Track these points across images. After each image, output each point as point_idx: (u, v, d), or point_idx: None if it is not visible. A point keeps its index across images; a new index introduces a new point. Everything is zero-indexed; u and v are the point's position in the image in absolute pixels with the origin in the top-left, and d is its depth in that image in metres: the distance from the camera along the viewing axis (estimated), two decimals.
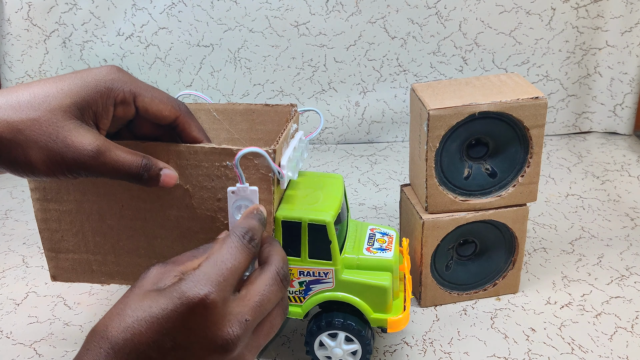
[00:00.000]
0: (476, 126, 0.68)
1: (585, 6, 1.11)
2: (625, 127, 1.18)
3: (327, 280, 0.62)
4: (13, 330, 0.74)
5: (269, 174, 0.56)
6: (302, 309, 0.64)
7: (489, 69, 1.15)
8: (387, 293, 0.62)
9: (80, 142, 0.48)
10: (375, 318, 0.63)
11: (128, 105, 0.53)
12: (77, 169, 0.49)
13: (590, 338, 0.70)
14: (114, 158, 0.50)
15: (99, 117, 0.51)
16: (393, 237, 0.67)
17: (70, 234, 0.62)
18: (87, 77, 0.51)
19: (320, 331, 0.64)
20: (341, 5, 1.11)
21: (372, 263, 0.63)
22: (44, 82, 0.50)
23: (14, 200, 1.04)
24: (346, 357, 0.65)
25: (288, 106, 0.66)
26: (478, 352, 0.69)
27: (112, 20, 1.13)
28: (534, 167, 0.71)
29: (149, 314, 0.42)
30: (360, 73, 1.16)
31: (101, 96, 0.50)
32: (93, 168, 0.49)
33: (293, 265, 0.62)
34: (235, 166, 0.54)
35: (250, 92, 1.17)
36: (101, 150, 0.49)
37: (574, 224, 0.92)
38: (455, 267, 0.76)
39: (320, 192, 0.64)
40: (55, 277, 0.65)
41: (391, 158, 1.14)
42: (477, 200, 0.72)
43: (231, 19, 1.12)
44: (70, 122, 0.48)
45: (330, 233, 0.60)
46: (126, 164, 0.51)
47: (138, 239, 0.61)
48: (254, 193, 0.56)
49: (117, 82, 0.51)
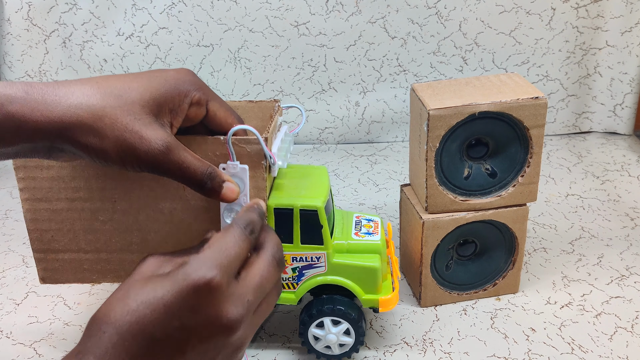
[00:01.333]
0: (476, 126, 0.68)
1: (585, 6, 1.11)
2: (625, 127, 1.18)
3: (320, 264, 0.64)
4: (13, 330, 0.74)
5: (262, 161, 0.57)
6: (295, 295, 0.65)
7: (489, 69, 1.15)
8: (377, 274, 0.64)
9: (153, 136, 0.49)
10: (366, 299, 0.65)
11: (201, 107, 0.54)
12: (146, 162, 0.49)
13: (590, 338, 0.70)
14: (181, 158, 0.50)
15: (174, 115, 0.52)
16: (378, 222, 0.69)
17: (60, 234, 0.62)
18: (166, 76, 0.52)
19: (312, 319, 0.65)
20: (341, 5, 1.11)
21: (361, 247, 0.65)
22: (125, 76, 0.51)
23: (14, 201, 1.04)
24: (342, 338, 0.66)
25: (271, 102, 0.66)
26: (478, 352, 0.69)
27: (112, 20, 1.13)
28: (534, 167, 0.71)
29: (153, 297, 0.42)
30: (360, 73, 1.16)
31: (179, 95, 0.52)
32: (160, 164, 0.50)
33: (286, 251, 0.63)
34: (226, 142, 0.55)
35: (250, 92, 1.17)
36: (171, 148, 0.50)
37: (574, 224, 0.92)
38: (455, 267, 0.76)
39: (307, 181, 0.65)
40: (44, 279, 0.64)
41: (391, 158, 1.14)
42: (477, 200, 0.72)
43: (231, 19, 1.12)
44: (146, 116, 0.49)
45: (322, 218, 0.62)
46: (192, 167, 0.51)
47: (131, 235, 0.61)
48: (244, 171, 0.56)
49: (195, 84, 0.53)
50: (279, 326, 0.73)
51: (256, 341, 0.71)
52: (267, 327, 0.73)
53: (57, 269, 0.64)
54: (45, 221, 0.61)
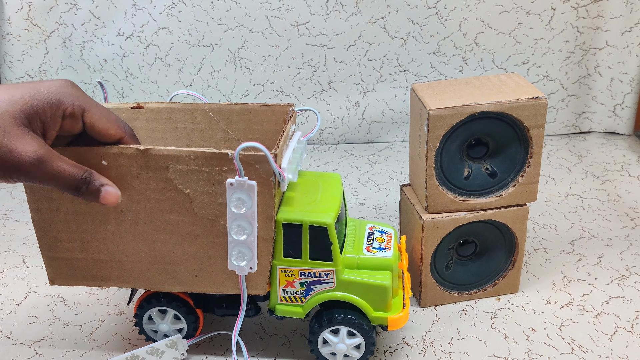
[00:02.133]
0: (476, 126, 0.68)
1: (585, 6, 1.11)
2: (625, 127, 1.18)
3: (328, 280, 0.63)
4: (13, 330, 0.74)
5: (270, 178, 0.56)
6: (303, 309, 0.64)
7: (489, 69, 1.15)
8: (388, 292, 0.63)
9: (24, 149, 0.50)
10: (375, 317, 0.63)
11: (76, 119, 0.54)
12: (17, 174, 0.51)
13: (590, 338, 0.70)
14: (55, 168, 0.52)
15: (46, 127, 0.53)
16: (392, 235, 0.68)
17: (69, 239, 0.62)
18: (40, 88, 0.52)
19: (322, 328, 0.64)
20: (341, 5, 1.11)
21: (372, 262, 0.64)
22: (0, 87, 0.52)
23: (14, 201, 1.04)
24: (350, 352, 0.65)
25: (285, 106, 0.66)
26: (478, 352, 0.69)
27: (112, 20, 1.13)
28: (534, 167, 0.70)
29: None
30: (360, 73, 1.16)
31: (50, 107, 0.52)
32: (32, 175, 0.51)
33: (294, 266, 0.62)
34: (234, 158, 0.54)
35: (250, 92, 1.17)
36: (42, 159, 0.51)
37: (574, 224, 0.92)
38: (455, 267, 0.76)
39: (319, 192, 0.64)
40: (53, 281, 0.64)
41: (391, 158, 1.14)
42: (477, 200, 0.72)
43: (231, 19, 1.12)
44: (16, 129, 0.50)
45: (331, 235, 0.60)
46: (66, 174, 0.52)
47: (139, 244, 0.61)
48: (252, 188, 0.56)
49: (68, 96, 0.53)
50: (279, 326, 0.73)
51: (256, 341, 0.71)
52: (267, 327, 0.73)
53: (67, 273, 0.64)
54: (54, 226, 0.61)
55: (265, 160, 0.55)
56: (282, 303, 0.65)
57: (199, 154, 0.56)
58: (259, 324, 0.74)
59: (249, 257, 0.60)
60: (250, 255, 0.60)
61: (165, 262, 0.62)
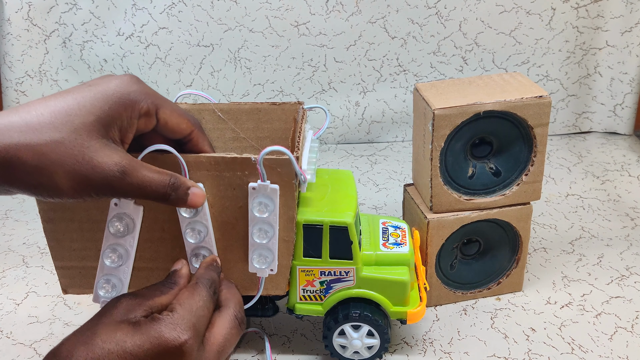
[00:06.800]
0: (480, 125, 0.68)
1: (585, 6, 1.11)
2: (625, 127, 1.18)
3: (348, 278, 0.64)
4: (13, 330, 0.74)
5: (292, 180, 0.56)
6: (323, 307, 0.65)
7: (489, 69, 1.15)
8: (407, 287, 0.64)
9: (107, 163, 0.46)
10: (394, 311, 0.65)
11: (150, 118, 0.51)
12: (104, 190, 0.47)
13: (590, 338, 0.70)
14: (140, 178, 0.48)
15: (123, 131, 0.49)
16: (405, 230, 0.69)
17: (83, 247, 0.60)
18: (108, 90, 0.48)
19: (338, 324, 0.65)
20: (341, 5, 1.11)
21: (389, 258, 0.65)
22: (63, 96, 0.47)
23: (14, 201, 1.04)
24: (362, 350, 0.66)
25: (295, 104, 0.65)
26: (478, 352, 0.69)
27: (112, 20, 1.12)
28: (537, 165, 0.71)
29: (122, 349, 0.42)
30: (360, 73, 1.16)
31: (125, 109, 0.48)
32: (120, 189, 0.47)
33: (314, 265, 0.63)
34: (257, 163, 0.54)
35: (250, 92, 1.17)
36: (127, 171, 0.47)
37: (574, 224, 0.92)
38: (460, 266, 0.76)
39: (335, 191, 0.65)
40: (66, 290, 0.63)
41: (391, 158, 1.14)
42: (482, 199, 0.72)
43: (231, 19, 1.12)
44: (95, 142, 0.46)
45: (352, 234, 0.62)
46: (153, 183, 0.48)
47: (156, 250, 0.60)
48: (275, 192, 0.55)
49: (140, 94, 0.49)
50: (279, 326, 0.73)
51: (256, 342, 0.71)
52: (267, 327, 0.73)
53: (80, 282, 0.62)
54: (66, 234, 0.59)
55: (287, 163, 0.55)
56: (301, 302, 0.65)
57: (219, 160, 0.55)
58: (259, 324, 0.74)
59: (270, 259, 0.59)
60: (272, 257, 0.59)
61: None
